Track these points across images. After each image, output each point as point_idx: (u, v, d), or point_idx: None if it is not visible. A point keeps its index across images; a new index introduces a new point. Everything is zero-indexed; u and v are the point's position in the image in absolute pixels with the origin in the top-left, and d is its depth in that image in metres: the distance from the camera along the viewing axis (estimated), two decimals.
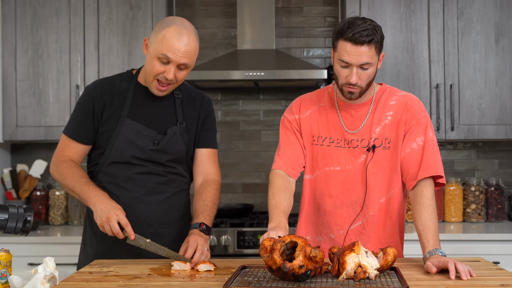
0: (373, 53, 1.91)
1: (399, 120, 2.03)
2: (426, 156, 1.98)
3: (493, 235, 3.11)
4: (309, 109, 2.14)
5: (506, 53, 3.35)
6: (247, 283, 1.59)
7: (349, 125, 2.06)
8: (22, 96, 3.42)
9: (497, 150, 3.73)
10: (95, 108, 2.12)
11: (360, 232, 2.05)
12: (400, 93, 2.09)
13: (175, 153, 2.14)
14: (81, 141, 2.14)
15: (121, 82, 2.16)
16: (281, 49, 3.74)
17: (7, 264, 1.65)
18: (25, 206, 1.60)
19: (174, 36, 1.96)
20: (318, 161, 2.08)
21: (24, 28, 3.42)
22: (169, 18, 2.03)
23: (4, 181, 3.63)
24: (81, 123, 2.13)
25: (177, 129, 2.13)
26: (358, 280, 1.59)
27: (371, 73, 1.94)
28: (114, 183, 2.13)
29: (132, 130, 2.09)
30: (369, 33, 1.88)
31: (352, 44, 1.88)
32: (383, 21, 3.38)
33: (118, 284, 1.66)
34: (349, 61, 1.90)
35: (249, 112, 3.80)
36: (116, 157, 2.11)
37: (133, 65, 3.40)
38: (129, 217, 2.09)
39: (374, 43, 1.89)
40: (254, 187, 3.78)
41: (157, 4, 3.41)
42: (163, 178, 2.15)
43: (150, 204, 2.13)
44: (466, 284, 1.59)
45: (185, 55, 1.97)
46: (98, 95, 2.12)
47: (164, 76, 2.00)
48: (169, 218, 2.17)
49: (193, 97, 2.22)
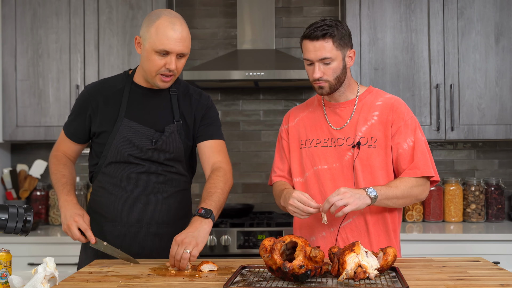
0: (332, 48, 2.01)
1: (385, 120, 2.08)
2: (416, 156, 2.04)
3: (493, 235, 3.11)
4: (297, 117, 2.24)
5: (506, 53, 3.35)
6: (247, 283, 1.59)
7: (335, 123, 2.13)
8: (22, 96, 3.42)
9: (497, 150, 3.73)
10: (87, 109, 2.15)
11: (351, 229, 2.07)
12: (387, 95, 2.16)
13: (173, 152, 2.13)
14: (73, 139, 2.22)
15: (117, 82, 2.17)
16: (281, 49, 3.74)
17: (7, 264, 1.65)
18: (25, 206, 1.60)
19: (167, 26, 1.97)
20: (307, 162, 2.14)
21: (24, 28, 3.42)
22: (155, 11, 2.04)
23: (4, 181, 3.63)
24: (75, 123, 2.20)
25: (174, 127, 2.13)
26: (358, 280, 1.59)
27: (335, 67, 2.03)
28: (113, 183, 2.13)
29: (130, 129, 2.09)
30: (324, 28, 2.00)
31: (309, 41, 2.02)
32: (383, 21, 3.38)
33: (118, 284, 1.66)
34: (309, 57, 2.03)
35: (249, 112, 3.80)
36: (114, 156, 2.11)
37: (133, 65, 3.40)
38: (128, 217, 2.09)
39: (330, 37, 2.00)
40: (254, 187, 3.78)
41: (157, 4, 3.41)
42: (162, 178, 2.14)
43: (149, 204, 2.13)
44: (466, 284, 1.59)
45: (181, 43, 1.99)
46: (92, 96, 2.15)
47: (166, 68, 2.01)
48: (169, 218, 2.16)
49: (190, 94, 2.20)
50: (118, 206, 2.12)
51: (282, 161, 2.24)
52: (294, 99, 3.76)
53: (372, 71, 3.39)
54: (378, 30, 3.39)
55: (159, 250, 2.11)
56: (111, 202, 2.13)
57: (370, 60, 3.39)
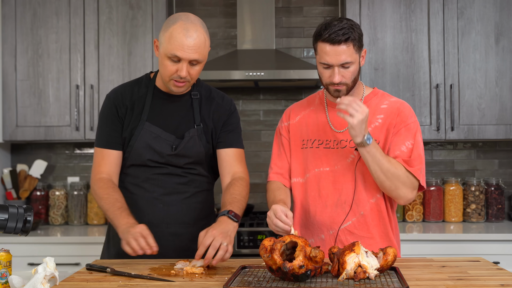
0: (352, 51, 1.94)
1: (389, 124, 2.05)
2: (414, 158, 2.00)
3: (493, 235, 3.11)
4: (298, 115, 2.19)
5: (506, 53, 3.35)
6: (247, 283, 1.59)
7: (337, 125, 2.09)
8: (22, 96, 3.42)
9: (497, 150, 3.73)
10: (118, 113, 2.11)
11: (350, 232, 2.05)
12: (392, 99, 2.12)
13: (193, 156, 2.13)
14: (115, 147, 2.12)
15: (140, 87, 2.16)
16: (281, 49, 3.74)
17: (7, 264, 1.65)
18: (25, 206, 1.60)
19: (180, 32, 1.94)
20: (308, 163, 2.11)
21: (24, 28, 3.42)
22: (175, 15, 2.02)
23: (4, 181, 3.63)
24: (112, 130, 2.12)
25: (195, 132, 2.12)
26: (358, 280, 1.59)
27: (353, 70, 1.98)
28: (134, 183, 2.14)
29: (151, 134, 2.09)
30: (345, 31, 1.92)
31: (330, 45, 1.93)
32: (383, 21, 3.38)
33: (118, 284, 1.66)
34: (329, 62, 1.95)
35: (249, 112, 3.80)
36: (135, 160, 2.12)
37: (133, 65, 3.40)
38: (148, 216, 2.10)
39: (352, 41, 1.93)
40: (254, 187, 3.77)
41: (157, 4, 3.41)
42: (183, 179, 2.14)
43: (169, 204, 2.13)
44: (466, 284, 1.59)
45: (194, 50, 1.96)
46: (120, 101, 2.12)
47: (177, 75, 1.99)
48: (189, 218, 2.15)
49: (212, 98, 2.20)
50: (139, 205, 2.12)
51: (280, 158, 2.19)
52: (294, 99, 3.76)
53: (372, 71, 3.39)
54: (378, 30, 3.39)
55: (178, 250, 2.09)
56: (133, 202, 2.11)
57: (370, 60, 3.39)
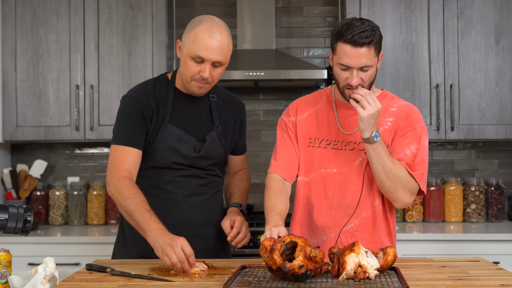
0: (373, 54, 1.89)
1: (397, 126, 2.03)
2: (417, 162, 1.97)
3: (493, 235, 3.11)
4: (306, 111, 2.14)
5: (506, 53, 3.35)
6: (247, 283, 1.59)
7: (346, 127, 2.06)
8: (22, 96, 3.42)
9: (497, 150, 3.73)
10: (144, 115, 2.08)
11: (352, 234, 2.04)
12: (401, 102, 2.09)
13: (214, 158, 2.16)
14: (138, 146, 2.07)
15: (160, 89, 2.14)
16: (281, 49, 3.74)
17: (7, 264, 1.65)
18: (25, 206, 1.60)
19: (205, 33, 1.96)
20: (315, 163, 2.08)
21: (24, 28, 3.42)
22: (199, 17, 2.03)
23: (4, 181, 3.63)
24: (136, 130, 2.07)
25: (215, 134, 2.14)
26: (358, 280, 1.59)
27: (371, 73, 1.93)
28: (155, 185, 2.12)
29: (174, 136, 2.09)
30: (368, 34, 1.86)
31: (351, 46, 1.87)
32: (383, 21, 3.38)
33: (118, 284, 1.66)
34: (349, 64, 1.89)
35: (249, 112, 3.79)
36: (157, 162, 2.10)
37: (133, 65, 3.40)
38: (172, 219, 2.09)
39: (374, 44, 1.88)
40: (254, 187, 3.77)
41: (157, 4, 3.41)
42: (203, 180, 2.17)
43: (192, 206, 2.14)
44: (466, 284, 1.59)
45: (218, 52, 1.98)
46: (145, 104, 2.09)
47: (200, 76, 2.00)
48: (210, 219, 2.18)
49: (228, 100, 2.24)
50: (160, 208, 2.08)
51: (287, 152, 2.11)
52: (294, 99, 3.73)
53: None
54: None
55: (202, 251, 2.07)
56: (154, 204, 2.03)
57: None
